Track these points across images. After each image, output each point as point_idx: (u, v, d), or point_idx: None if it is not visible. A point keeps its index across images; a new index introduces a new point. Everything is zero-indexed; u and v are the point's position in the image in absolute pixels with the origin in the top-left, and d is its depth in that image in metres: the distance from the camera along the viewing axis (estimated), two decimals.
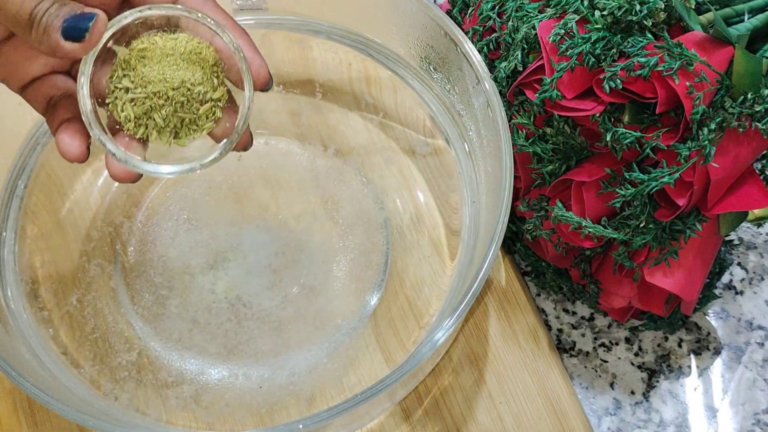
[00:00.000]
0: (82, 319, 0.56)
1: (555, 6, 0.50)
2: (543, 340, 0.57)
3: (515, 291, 0.59)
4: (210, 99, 0.43)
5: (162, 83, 0.42)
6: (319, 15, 0.63)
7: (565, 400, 0.55)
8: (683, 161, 0.46)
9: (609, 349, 0.59)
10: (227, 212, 0.60)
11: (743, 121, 0.47)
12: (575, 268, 0.56)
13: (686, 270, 0.51)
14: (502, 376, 0.56)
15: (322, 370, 0.55)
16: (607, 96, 0.47)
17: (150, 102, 0.42)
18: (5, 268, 0.56)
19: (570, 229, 0.50)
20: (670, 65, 0.45)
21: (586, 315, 0.60)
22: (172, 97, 0.42)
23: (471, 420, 0.55)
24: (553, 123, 0.50)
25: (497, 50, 0.54)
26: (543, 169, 0.52)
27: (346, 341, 0.56)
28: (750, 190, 0.50)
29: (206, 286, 0.57)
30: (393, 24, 0.59)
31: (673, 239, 0.50)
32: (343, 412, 0.45)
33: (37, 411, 0.54)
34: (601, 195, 0.49)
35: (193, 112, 0.43)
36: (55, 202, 0.60)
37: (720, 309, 0.60)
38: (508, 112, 0.52)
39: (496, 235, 0.48)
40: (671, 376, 0.58)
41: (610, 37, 0.48)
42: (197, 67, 0.43)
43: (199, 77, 0.43)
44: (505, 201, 0.49)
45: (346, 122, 0.63)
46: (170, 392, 0.54)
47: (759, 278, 0.61)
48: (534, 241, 0.57)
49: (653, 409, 0.57)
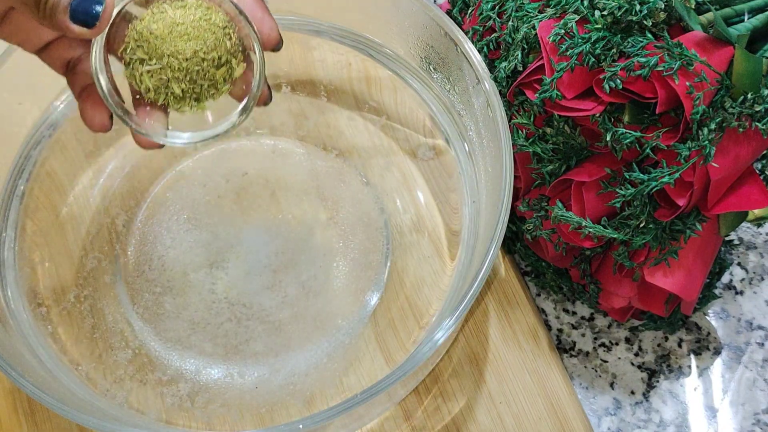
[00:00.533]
0: (81, 318, 0.56)
1: (555, 6, 0.50)
2: (543, 340, 0.57)
3: (515, 291, 0.59)
4: (225, 62, 0.43)
5: (175, 56, 0.42)
6: (319, 15, 0.63)
7: (565, 400, 0.55)
8: (683, 161, 0.46)
9: (609, 349, 0.59)
10: (227, 212, 0.60)
11: (743, 121, 0.47)
12: (575, 268, 0.56)
13: (686, 270, 0.51)
14: (502, 376, 0.56)
15: (322, 370, 0.55)
16: (607, 96, 0.47)
17: (166, 74, 0.43)
18: (5, 268, 0.56)
19: (570, 229, 0.50)
20: (670, 65, 0.45)
21: (586, 315, 0.60)
22: (187, 68, 0.43)
23: (471, 420, 0.55)
24: (553, 123, 0.50)
25: (497, 50, 0.54)
26: (543, 169, 0.52)
27: (346, 341, 0.56)
28: (750, 190, 0.50)
29: (206, 285, 0.57)
30: (393, 24, 0.59)
31: (673, 239, 0.50)
32: (343, 412, 0.45)
33: (37, 411, 0.54)
34: (601, 195, 0.49)
35: (210, 78, 0.43)
36: (55, 201, 0.60)
37: (720, 309, 0.60)
38: (508, 112, 0.52)
39: (496, 235, 0.48)
40: (671, 376, 0.58)
41: (610, 37, 0.48)
42: (209, 34, 0.43)
43: (211, 44, 0.43)
44: (505, 201, 0.49)
45: (346, 122, 0.63)
46: (169, 392, 0.54)
47: (759, 278, 0.61)
48: (534, 241, 0.57)
49: (653, 409, 0.57)
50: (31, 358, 0.53)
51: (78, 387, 0.53)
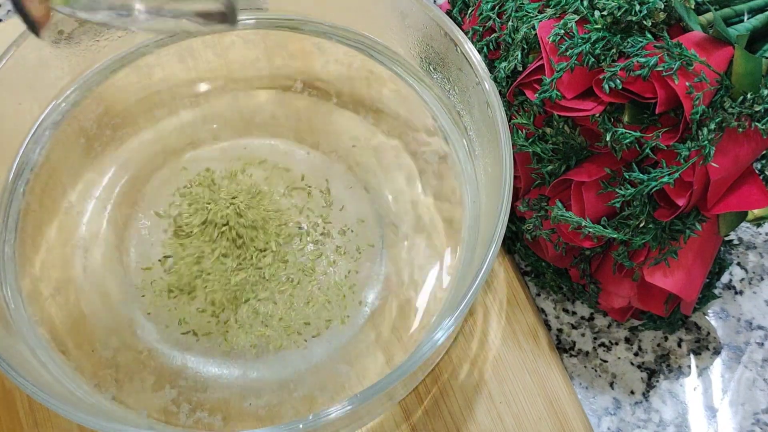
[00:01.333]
0: (81, 316, 0.56)
1: (555, 6, 0.50)
2: (543, 340, 0.57)
3: (515, 291, 0.59)
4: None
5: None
6: (319, 15, 0.63)
7: (565, 400, 0.55)
8: (683, 161, 0.46)
9: (609, 349, 0.59)
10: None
11: (743, 121, 0.47)
12: (575, 268, 0.56)
13: (686, 270, 0.51)
14: (502, 376, 0.56)
15: (322, 370, 0.55)
16: (607, 96, 0.47)
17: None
18: (5, 268, 0.56)
19: (570, 229, 0.50)
20: (669, 65, 0.45)
21: (585, 315, 0.60)
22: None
23: (471, 420, 0.55)
24: (552, 123, 0.50)
25: (497, 50, 0.54)
26: (543, 169, 0.52)
27: (346, 341, 0.56)
28: (750, 190, 0.50)
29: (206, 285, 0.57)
30: (393, 24, 0.59)
31: (672, 239, 0.50)
32: (343, 411, 0.45)
33: (37, 411, 0.54)
34: (600, 195, 0.49)
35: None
36: (56, 201, 0.60)
37: (720, 309, 0.60)
38: (508, 113, 0.52)
39: (496, 235, 0.48)
40: (671, 375, 0.58)
41: (610, 37, 0.48)
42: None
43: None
44: (505, 201, 0.49)
45: (345, 122, 0.63)
46: (170, 391, 0.54)
47: (759, 278, 0.61)
48: (534, 241, 0.57)
49: (653, 408, 0.57)
50: (31, 358, 0.53)
51: (78, 387, 0.53)
